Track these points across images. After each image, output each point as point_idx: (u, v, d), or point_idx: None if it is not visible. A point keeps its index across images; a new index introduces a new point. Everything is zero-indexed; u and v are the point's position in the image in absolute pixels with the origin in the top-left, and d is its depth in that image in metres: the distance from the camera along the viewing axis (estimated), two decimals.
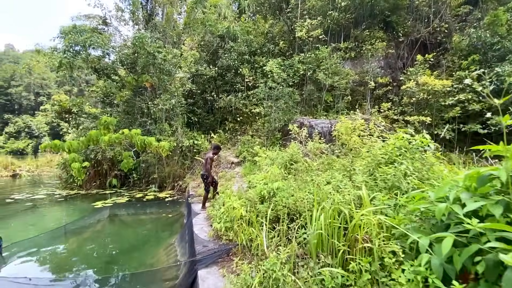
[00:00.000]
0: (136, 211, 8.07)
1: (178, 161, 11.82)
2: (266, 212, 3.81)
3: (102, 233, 6.30)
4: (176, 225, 6.73)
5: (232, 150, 12.82)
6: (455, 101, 12.86)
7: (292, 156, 7.03)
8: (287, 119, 12.09)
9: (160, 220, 7.27)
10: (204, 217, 5.57)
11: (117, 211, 8.03)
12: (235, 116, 14.57)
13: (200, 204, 6.81)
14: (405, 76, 13.89)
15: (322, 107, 14.22)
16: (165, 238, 5.86)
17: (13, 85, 56.10)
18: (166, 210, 8.10)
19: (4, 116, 54.50)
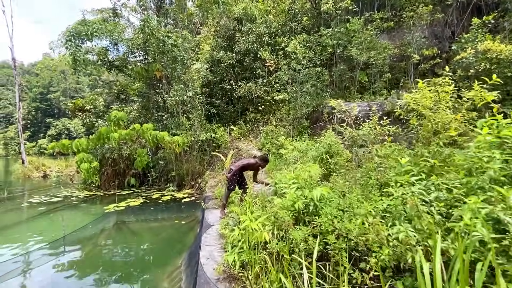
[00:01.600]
0: (146, 217, 6.98)
1: (196, 157, 10.66)
2: (306, 243, 2.32)
3: (101, 250, 5.23)
4: (188, 237, 5.49)
5: (254, 142, 11.40)
6: None
7: (330, 147, 5.41)
8: (315, 104, 10.36)
9: (172, 228, 6.09)
10: (217, 233, 4.20)
11: (126, 217, 7.02)
12: (256, 106, 13.08)
13: (216, 211, 5.49)
14: (458, 44, 11.40)
15: (356, 88, 12.22)
16: (172, 257, 4.63)
17: (51, 91, 59.28)
18: (181, 215, 6.93)
19: (46, 120, 58.03)
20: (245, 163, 5.23)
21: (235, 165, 5.14)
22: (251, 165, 5.24)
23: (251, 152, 10.14)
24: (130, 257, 4.89)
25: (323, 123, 10.32)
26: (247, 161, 5.32)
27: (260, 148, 10.43)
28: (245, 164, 5.21)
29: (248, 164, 5.23)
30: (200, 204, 7.64)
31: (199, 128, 11.06)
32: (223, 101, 13.70)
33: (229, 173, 5.09)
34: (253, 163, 5.22)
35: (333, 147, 5.35)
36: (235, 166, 5.13)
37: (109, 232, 6.06)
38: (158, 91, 12.29)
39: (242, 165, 5.15)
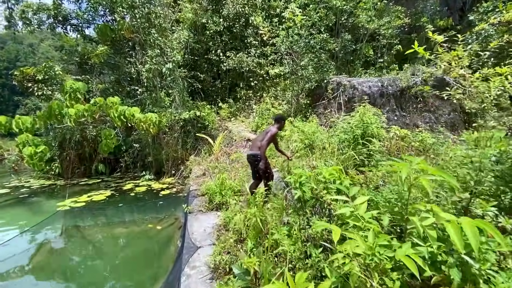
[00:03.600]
0: (110, 219, 5.21)
1: (178, 139, 8.81)
2: None
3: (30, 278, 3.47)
4: (165, 253, 3.83)
5: (246, 123, 9.67)
6: None
7: (367, 128, 3.79)
8: (319, 78, 8.67)
9: (143, 237, 4.41)
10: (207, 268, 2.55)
11: (83, 218, 5.23)
12: (247, 81, 11.20)
13: (204, 216, 3.84)
14: (476, 14, 9.98)
15: (361, 63, 10.61)
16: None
17: (18, 66, 53.38)
18: (157, 215, 5.23)
19: (14, 98, 52.61)
20: (268, 135, 3.95)
21: (259, 145, 3.93)
22: (274, 132, 4.06)
23: (243, 134, 8.43)
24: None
25: (327, 101, 8.72)
26: (270, 131, 4.03)
27: (254, 129, 8.73)
28: (269, 136, 3.95)
29: (273, 131, 4.03)
30: (182, 199, 5.96)
31: (181, 105, 9.13)
32: (209, 75, 11.67)
33: (256, 161, 3.87)
34: (275, 131, 4.09)
35: (373, 126, 3.74)
36: (257, 147, 3.97)
37: (51, 246, 4.27)
38: (131, 60, 10.09)
39: (269, 138, 3.92)
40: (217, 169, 6.15)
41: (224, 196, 4.06)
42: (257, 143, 3.99)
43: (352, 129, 3.76)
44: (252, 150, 4.03)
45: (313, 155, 5.11)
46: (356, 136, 3.65)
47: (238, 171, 5.71)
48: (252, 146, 4.14)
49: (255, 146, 4.01)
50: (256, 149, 3.94)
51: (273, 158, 5.97)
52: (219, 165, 6.40)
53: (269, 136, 3.90)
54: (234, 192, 4.29)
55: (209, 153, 7.82)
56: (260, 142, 3.91)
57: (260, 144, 3.90)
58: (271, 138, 3.94)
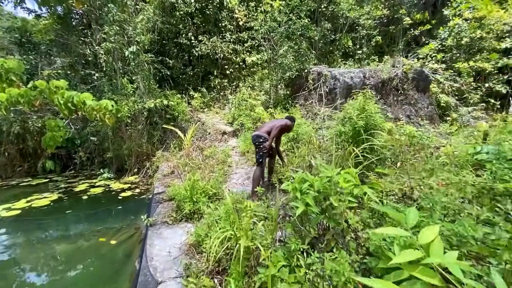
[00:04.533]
0: (49, 232, 4.11)
1: (143, 132, 7.69)
2: None
3: None
4: (120, 278, 2.92)
5: (221, 114, 8.78)
6: None
7: (370, 118, 3.16)
8: (298, 68, 8.03)
9: (92, 255, 3.44)
10: None
11: (8, 235, 4.06)
12: (222, 69, 10.24)
13: (170, 230, 2.99)
14: (451, 9, 9.96)
15: (340, 53, 10.17)
16: None
17: None
18: (112, 225, 4.23)
19: None
20: (283, 123, 3.85)
21: (278, 125, 3.76)
22: (287, 127, 3.97)
23: (218, 126, 7.56)
24: None
25: (308, 91, 8.14)
26: (285, 122, 3.92)
27: (230, 121, 7.89)
28: (283, 125, 3.85)
29: (286, 125, 3.92)
30: (146, 201, 5.00)
31: (146, 93, 7.97)
32: (179, 61, 10.49)
33: (260, 142, 3.62)
34: (288, 125, 3.97)
35: (376, 116, 3.12)
36: (265, 131, 3.73)
37: None
38: (86, 40, 8.62)
39: (281, 127, 3.82)
40: (188, 166, 5.27)
41: (196, 203, 3.24)
42: (266, 127, 3.76)
43: (352, 119, 3.12)
44: (258, 131, 3.75)
45: (299, 150, 4.45)
46: (357, 128, 3.03)
47: (213, 169, 4.89)
48: (259, 128, 3.90)
49: (263, 129, 3.77)
50: (263, 132, 3.69)
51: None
52: (190, 161, 5.52)
53: (283, 124, 3.79)
54: (208, 197, 3.48)
55: (179, 148, 6.86)
56: (269, 127, 3.72)
57: (268, 128, 3.72)
58: (282, 128, 3.81)
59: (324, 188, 1.72)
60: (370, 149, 2.93)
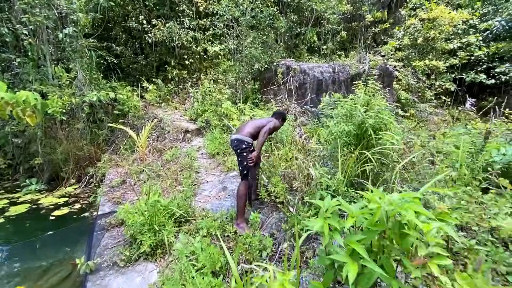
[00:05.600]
0: None
1: (83, 131, 6.31)
2: None
3: None
4: None
5: (182, 110, 7.76)
6: (461, 44, 10.08)
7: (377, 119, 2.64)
8: (268, 60, 7.43)
9: None
10: None
11: None
12: (181, 58, 9.13)
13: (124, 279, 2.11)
14: (407, 10, 10.35)
15: (306, 48, 9.87)
16: None
17: None
18: (37, 261, 3.09)
19: None
20: (271, 125, 3.02)
21: (268, 126, 2.95)
22: (277, 127, 3.20)
23: (179, 124, 6.57)
24: None
25: (277, 86, 7.61)
26: (273, 121, 3.09)
27: (193, 118, 6.93)
28: (271, 128, 3.02)
29: (275, 127, 3.14)
30: (91, 221, 3.87)
31: (87, 84, 6.56)
32: (128, 48, 9.05)
33: (243, 149, 2.81)
34: (278, 125, 3.21)
35: (385, 113, 2.62)
36: (249, 132, 2.91)
37: None
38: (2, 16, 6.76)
39: (269, 130, 2.99)
40: (145, 174, 4.28)
41: (159, 232, 2.38)
42: (249, 128, 2.93)
43: (359, 116, 2.55)
44: (238, 133, 2.91)
45: (278, 151, 3.84)
46: (365, 127, 2.49)
47: (177, 176, 4.01)
48: (240, 129, 2.99)
49: (245, 130, 2.92)
50: (245, 135, 2.86)
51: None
52: (146, 168, 4.52)
53: (271, 127, 2.97)
54: (174, 220, 2.65)
55: (132, 150, 5.73)
56: (254, 128, 2.91)
57: (252, 129, 2.90)
58: (272, 129, 3.04)
59: (376, 226, 1.12)
60: (378, 153, 2.44)
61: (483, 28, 10.38)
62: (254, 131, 2.87)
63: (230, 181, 3.61)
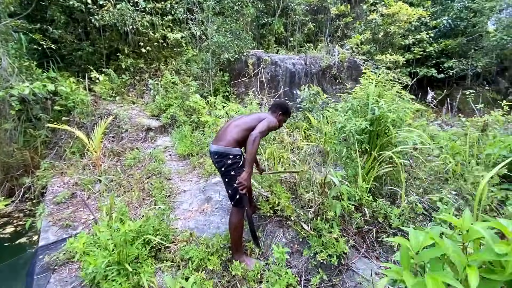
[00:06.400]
0: None
1: (13, 133, 5.07)
2: None
3: None
4: None
5: (140, 104, 6.81)
6: (414, 40, 10.72)
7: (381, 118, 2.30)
8: (238, 50, 6.88)
9: None
10: None
11: None
12: (136, 46, 8.03)
13: None
14: (368, 5, 10.59)
15: (274, 39, 9.51)
16: None
17: None
18: None
19: None
20: (273, 123, 2.26)
21: (261, 128, 2.07)
22: (274, 126, 2.31)
23: (139, 121, 5.69)
24: None
25: (248, 78, 7.12)
26: (269, 120, 2.22)
27: (155, 113, 6.08)
28: (273, 124, 2.25)
29: (274, 126, 2.28)
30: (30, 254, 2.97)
31: (16, 74, 5.28)
32: (69, 32, 7.63)
33: (230, 165, 2.05)
34: (275, 124, 2.30)
35: (401, 107, 2.28)
36: (260, 129, 2.05)
37: None
38: None
39: (271, 127, 2.21)
40: (101, 184, 3.48)
41: (133, 275, 1.76)
42: (236, 131, 2.10)
43: (375, 110, 2.16)
44: (218, 143, 2.09)
45: (267, 149, 3.40)
46: (383, 123, 2.14)
47: (144, 186, 3.31)
48: (222, 133, 2.16)
49: (229, 135, 2.10)
50: (229, 143, 2.05)
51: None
52: (103, 176, 3.70)
53: (267, 126, 2.13)
54: (151, 248, 2.04)
55: (81, 154, 4.75)
56: (243, 130, 2.09)
57: (241, 132, 2.09)
58: (267, 131, 2.16)
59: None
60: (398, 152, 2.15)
61: (432, 26, 11.19)
62: (242, 136, 2.06)
63: (214, 189, 3.04)
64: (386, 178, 2.21)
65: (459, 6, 11.05)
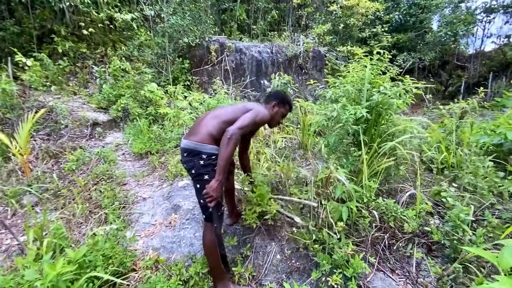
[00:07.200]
0: None
1: None
2: None
3: None
4: None
5: (84, 95, 5.80)
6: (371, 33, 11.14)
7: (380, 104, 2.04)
8: (197, 35, 6.24)
9: None
10: None
11: None
12: (75, 27, 6.85)
13: None
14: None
15: (236, 26, 9.00)
16: None
17: None
18: None
19: None
20: (265, 116, 1.77)
21: (244, 122, 1.58)
22: (265, 121, 1.81)
23: (82, 114, 4.78)
24: None
25: (211, 66, 6.55)
26: (258, 113, 1.70)
27: (103, 106, 5.19)
28: (264, 118, 1.76)
29: (257, 122, 1.70)
30: None
31: None
32: None
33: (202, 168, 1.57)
34: (267, 118, 1.80)
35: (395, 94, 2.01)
36: (242, 123, 1.56)
37: None
38: None
39: (258, 121, 1.69)
40: (31, 196, 2.73)
41: None
42: (209, 125, 1.64)
43: (374, 96, 1.85)
44: (189, 138, 1.64)
45: None
46: (379, 112, 1.84)
47: (91, 194, 2.67)
48: (193, 130, 1.69)
49: (201, 129, 1.64)
50: (202, 138, 1.60)
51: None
52: (34, 184, 2.93)
53: (252, 120, 1.64)
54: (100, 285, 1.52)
55: (4, 158, 3.79)
56: (219, 125, 1.63)
57: (216, 126, 1.63)
58: (253, 125, 1.67)
59: None
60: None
61: (386, 20, 11.74)
62: (221, 129, 1.59)
63: (182, 194, 2.51)
64: (385, 173, 2.00)
65: (408, 3, 11.76)
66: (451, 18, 11.29)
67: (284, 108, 1.92)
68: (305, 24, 11.04)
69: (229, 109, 1.77)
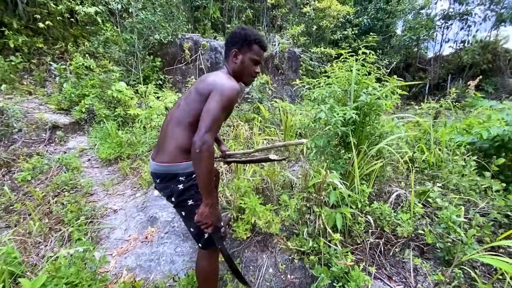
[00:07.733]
0: None
1: None
2: None
3: None
4: None
5: (41, 95, 5.22)
6: (342, 35, 11.50)
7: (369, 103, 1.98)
8: (170, 32, 5.92)
9: None
10: None
11: None
12: (30, 20, 6.16)
13: None
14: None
15: (210, 24, 8.76)
16: None
17: None
18: None
19: None
20: (226, 94, 1.19)
21: (209, 115, 1.14)
22: (235, 93, 1.21)
23: (40, 116, 4.27)
24: None
25: (185, 64, 6.26)
26: (220, 88, 1.19)
27: (64, 107, 4.68)
28: (227, 98, 1.18)
29: (229, 98, 1.19)
30: None
31: None
32: None
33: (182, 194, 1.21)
34: (232, 85, 1.22)
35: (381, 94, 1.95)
36: (209, 117, 1.12)
37: None
38: None
39: (223, 106, 1.17)
40: None
41: None
42: (175, 135, 1.26)
43: (363, 97, 1.78)
44: (157, 158, 1.29)
45: None
46: (367, 113, 1.78)
47: (51, 208, 2.34)
48: (160, 145, 1.33)
49: (166, 145, 1.28)
50: (169, 157, 1.24)
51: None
52: None
53: (219, 108, 1.15)
54: None
55: None
56: (186, 131, 1.24)
57: (184, 135, 1.24)
58: (224, 112, 1.20)
59: None
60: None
61: (355, 24, 12.19)
62: (190, 139, 1.17)
63: (158, 204, 2.26)
64: (376, 176, 1.97)
65: (376, 8, 12.32)
66: (413, 23, 12.04)
67: (251, 50, 1.34)
68: (279, 25, 11.08)
69: (189, 100, 1.30)
